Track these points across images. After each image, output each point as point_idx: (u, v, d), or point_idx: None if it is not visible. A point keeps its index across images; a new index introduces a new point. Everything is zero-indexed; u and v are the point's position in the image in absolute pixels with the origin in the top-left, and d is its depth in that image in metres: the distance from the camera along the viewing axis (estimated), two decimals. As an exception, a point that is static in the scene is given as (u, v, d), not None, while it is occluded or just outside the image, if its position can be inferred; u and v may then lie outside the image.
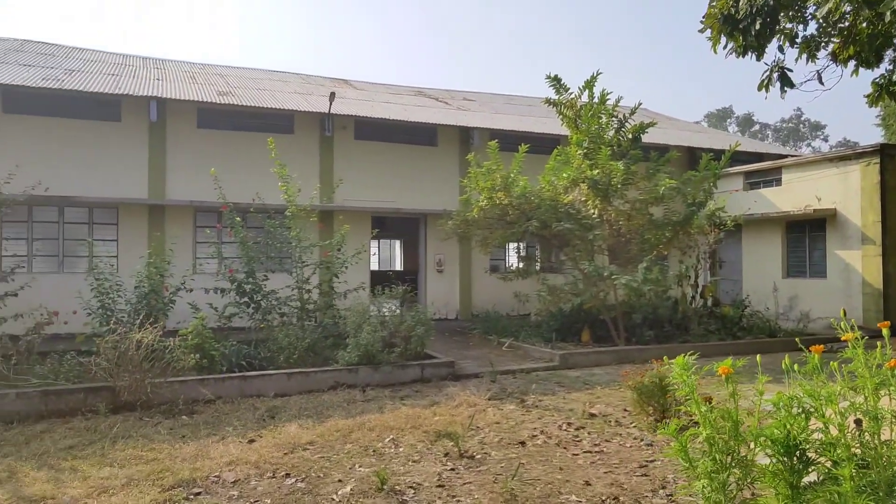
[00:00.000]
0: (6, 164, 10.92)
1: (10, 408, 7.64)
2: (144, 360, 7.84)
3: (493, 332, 14.49)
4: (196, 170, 14.64)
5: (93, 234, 13.96)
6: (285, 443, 6.46)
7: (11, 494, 5.18)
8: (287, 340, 10.14)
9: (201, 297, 11.19)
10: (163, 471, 5.66)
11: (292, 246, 11.72)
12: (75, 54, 18.24)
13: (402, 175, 17.12)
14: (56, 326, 9.92)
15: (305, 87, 19.93)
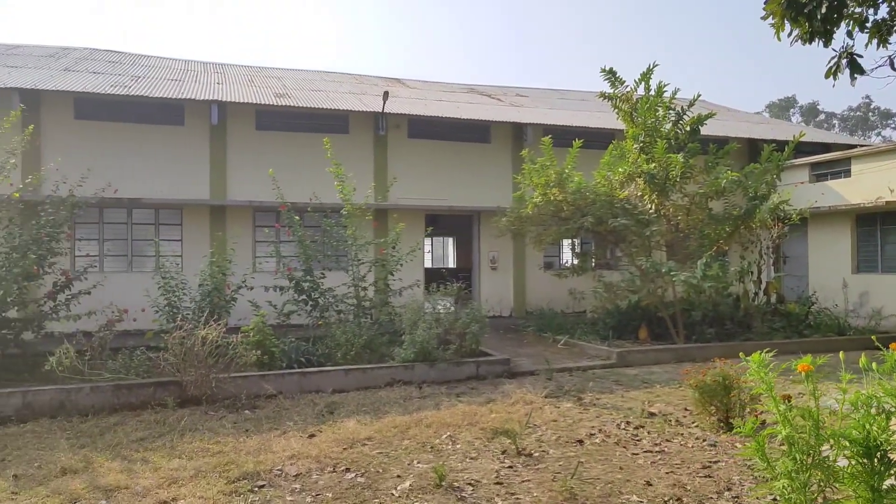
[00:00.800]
0: (79, 168, 11.43)
1: (86, 401, 8.02)
2: (209, 356, 8.10)
3: (547, 330, 14.38)
4: (255, 171, 15.02)
5: (159, 235, 14.51)
6: (344, 438, 6.57)
7: (88, 484, 5.43)
8: (344, 337, 10.31)
9: (261, 294, 11.48)
10: (228, 463, 5.84)
11: (348, 244, 11.91)
12: (141, 61, 18.96)
13: (455, 173, 17.14)
14: (126, 323, 10.35)
15: (359, 87, 20.18)
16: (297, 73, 21.45)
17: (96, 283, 10.55)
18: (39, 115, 13.60)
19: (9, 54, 17.19)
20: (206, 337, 8.09)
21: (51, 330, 10.35)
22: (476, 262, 17.78)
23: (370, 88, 19.96)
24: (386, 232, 14.92)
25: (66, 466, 5.84)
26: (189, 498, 5.02)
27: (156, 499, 5.05)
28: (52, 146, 13.63)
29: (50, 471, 5.77)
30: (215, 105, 14.47)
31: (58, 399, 7.93)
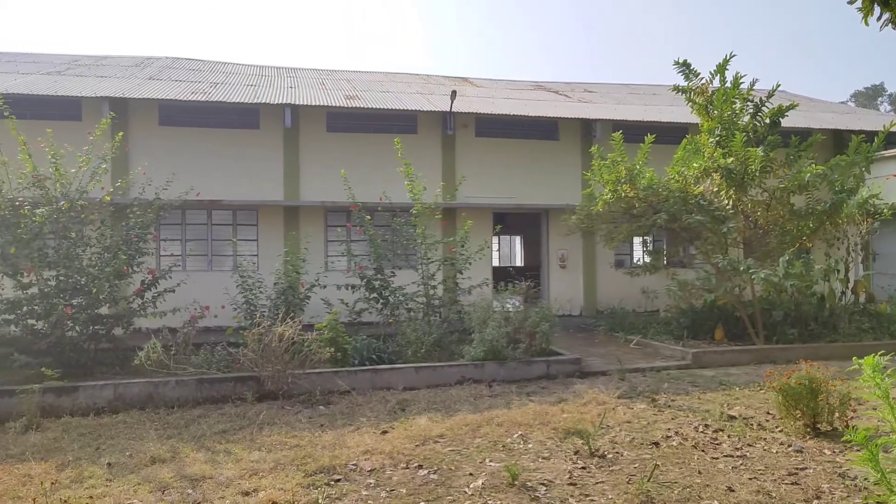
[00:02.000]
0: (163, 171, 12.00)
1: (171, 394, 8.42)
2: (285, 352, 8.36)
3: (619, 329, 14.11)
4: (326, 171, 15.37)
5: (236, 235, 15.06)
6: (416, 435, 6.64)
7: (176, 473, 5.70)
8: (414, 335, 10.43)
9: (333, 293, 11.75)
10: (305, 457, 6.01)
11: (418, 243, 12.03)
12: (218, 68, 19.72)
13: (523, 170, 17.04)
14: (207, 320, 10.79)
15: (427, 87, 20.33)
16: (366, 75, 21.81)
17: (180, 282, 11.02)
18: (127, 122, 14.35)
19: (98, 65, 18.21)
20: (283, 334, 8.34)
21: (138, 326, 10.92)
22: (545, 260, 17.62)
23: (437, 88, 20.08)
24: (454, 230, 14.98)
25: (155, 456, 6.14)
26: (269, 489, 5.19)
27: (238, 489, 5.25)
28: (138, 151, 14.36)
29: (140, 460, 6.09)
30: (288, 108, 14.89)
31: (146, 391, 8.36)
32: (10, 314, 9.45)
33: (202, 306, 10.52)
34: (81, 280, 9.64)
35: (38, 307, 9.42)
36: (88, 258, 9.98)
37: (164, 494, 5.19)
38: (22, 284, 9.49)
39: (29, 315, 9.50)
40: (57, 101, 14.22)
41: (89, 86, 15.04)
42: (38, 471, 5.82)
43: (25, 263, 9.50)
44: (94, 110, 14.06)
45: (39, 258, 9.50)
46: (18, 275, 9.49)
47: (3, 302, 9.41)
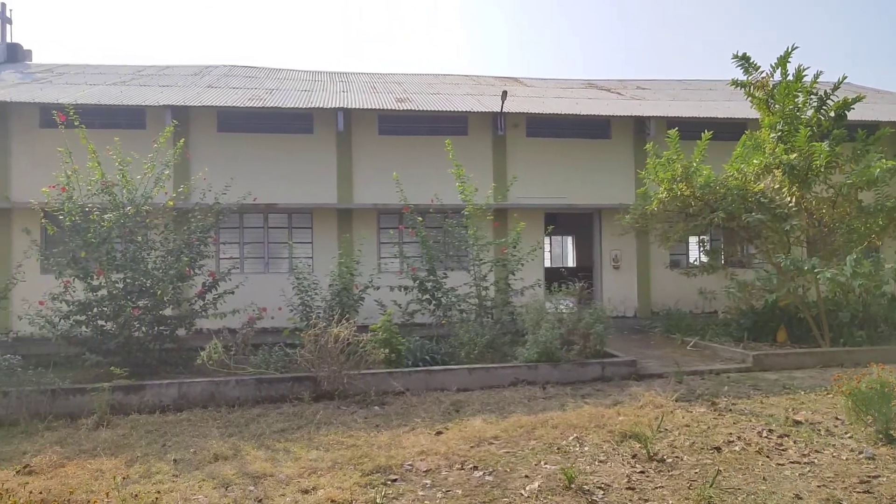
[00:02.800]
0: (221, 176, 12.37)
1: (232, 393, 8.66)
2: (341, 353, 8.49)
3: (675, 331, 13.81)
4: (378, 174, 15.54)
5: (292, 237, 15.38)
6: (471, 436, 6.65)
7: (238, 470, 5.86)
8: (467, 336, 10.45)
9: (386, 294, 11.88)
10: (362, 456, 6.09)
11: (469, 244, 12.04)
12: (273, 74, 20.18)
13: (575, 170, 16.85)
14: (264, 321, 11.05)
15: (477, 88, 20.33)
16: (416, 78, 21.96)
17: (239, 284, 11.33)
18: (188, 129, 14.82)
19: (161, 75, 18.89)
20: (338, 335, 8.48)
21: (200, 327, 11.26)
22: (597, 260, 17.38)
23: (487, 89, 20.05)
24: (506, 231, 14.95)
25: (218, 453, 6.33)
26: (328, 488, 5.29)
27: (298, 487, 5.36)
28: (198, 157, 14.82)
29: (204, 457, 6.28)
30: (341, 112, 15.11)
31: (208, 391, 8.62)
32: (82, 315, 9.89)
33: (260, 308, 10.77)
34: (147, 282, 10.01)
35: (108, 308, 9.83)
36: (153, 261, 10.36)
37: (227, 491, 5.34)
38: (92, 287, 9.92)
39: (99, 316, 9.93)
40: (123, 111, 14.81)
41: (153, 95, 15.61)
42: (109, 466, 6.07)
43: (95, 266, 9.93)
44: (158, 118, 14.59)
45: (108, 261, 9.92)
46: (89, 277, 9.92)
47: (74, 303, 9.86)
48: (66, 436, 7.19)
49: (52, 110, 11.97)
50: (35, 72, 18.65)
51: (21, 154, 14.70)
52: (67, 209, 9.94)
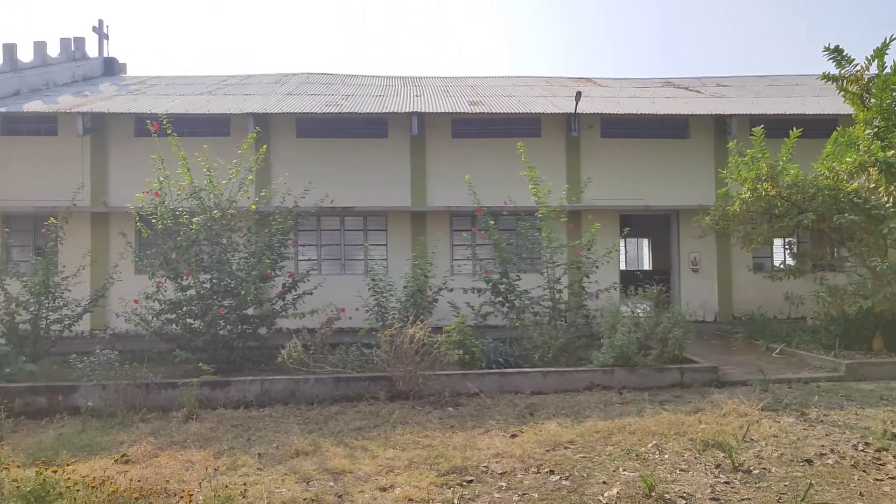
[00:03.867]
0: (300, 180, 12.75)
1: (311, 391, 8.92)
2: (416, 353, 8.60)
3: (759, 337, 13.24)
4: (451, 177, 15.64)
5: (367, 240, 15.70)
6: (546, 440, 6.60)
7: (318, 466, 6.03)
8: (541, 339, 10.37)
9: (459, 296, 11.94)
10: (437, 457, 6.15)
11: (543, 247, 11.95)
12: (349, 80, 20.67)
13: (651, 171, 16.45)
14: (341, 321, 11.30)
15: (549, 89, 20.16)
16: (489, 81, 21.99)
17: (317, 285, 11.66)
18: (269, 135, 15.37)
19: (243, 84, 19.68)
20: (413, 336, 8.59)
21: (280, 326, 11.67)
22: (675, 263, 16.90)
23: (561, 90, 19.86)
24: (580, 234, 14.75)
25: (299, 449, 6.54)
26: (405, 486, 5.37)
27: (376, 485, 5.47)
28: (278, 162, 15.34)
29: (286, 452, 6.50)
30: (415, 116, 15.31)
31: (289, 388, 8.91)
32: (172, 313, 10.43)
33: (338, 308, 11.05)
34: (231, 283, 10.44)
35: (196, 307, 10.32)
36: (237, 262, 10.81)
37: (309, 486, 5.51)
38: (182, 287, 10.45)
39: (188, 314, 10.43)
40: (209, 119, 15.53)
41: (237, 103, 16.29)
42: (199, 457, 6.37)
43: (184, 267, 10.44)
44: (241, 126, 15.20)
45: (196, 262, 10.42)
46: (179, 278, 10.45)
47: (166, 302, 10.40)
48: (158, 427, 7.60)
49: (145, 120, 12.68)
50: (129, 84, 19.79)
51: (118, 162, 15.63)
52: (160, 213, 10.50)
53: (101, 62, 22.13)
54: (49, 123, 15.73)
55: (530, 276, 12.70)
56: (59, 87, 18.71)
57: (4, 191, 14.47)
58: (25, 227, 15.16)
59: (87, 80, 20.40)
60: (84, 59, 21.06)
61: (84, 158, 15.45)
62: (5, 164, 15.33)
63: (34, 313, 10.72)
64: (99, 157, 15.60)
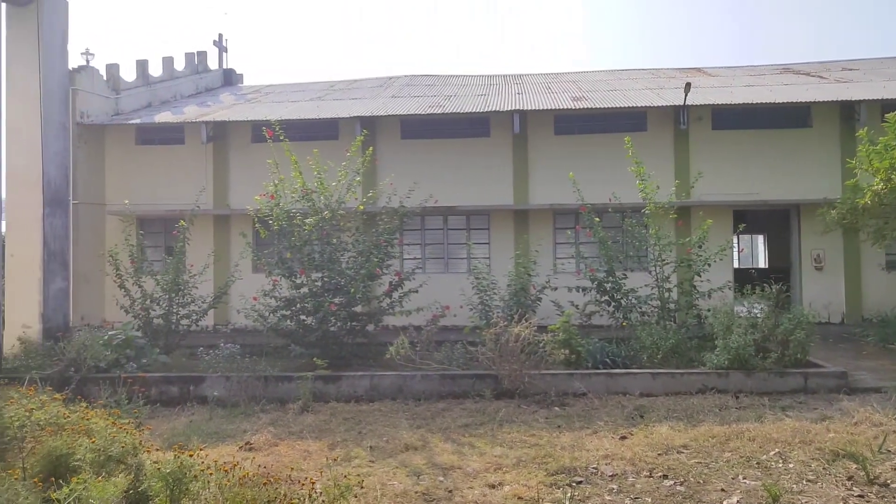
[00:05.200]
0: (405, 181, 13.04)
1: (418, 387, 9.11)
2: (521, 352, 8.59)
3: (893, 341, 12.20)
4: (554, 174, 15.47)
5: (470, 238, 15.82)
6: (658, 443, 6.42)
7: (427, 461, 6.17)
8: (650, 340, 10.08)
9: (562, 295, 11.79)
10: (545, 456, 6.13)
11: (651, 244, 11.59)
12: (451, 81, 20.90)
13: (768, 163, 15.53)
14: (445, 319, 11.47)
15: (656, 81, 19.48)
16: (591, 75, 21.56)
17: (422, 283, 11.89)
18: (375, 137, 15.83)
19: (350, 88, 20.38)
20: (519, 334, 8.59)
21: (386, 323, 12.00)
22: (795, 261, 15.87)
23: (667, 82, 19.14)
24: (689, 231, 14.17)
25: (408, 443, 6.71)
26: (514, 484, 5.39)
27: (485, 481, 5.53)
28: (383, 163, 15.76)
29: (396, 446, 6.70)
30: (517, 114, 15.26)
31: (396, 384, 9.16)
32: (287, 310, 10.97)
33: (443, 306, 11.21)
34: (341, 281, 10.85)
35: (308, 304, 10.81)
36: (346, 261, 11.21)
37: (419, 480, 5.65)
38: (295, 284, 10.98)
39: (301, 311, 10.94)
40: (318, 123, 16.19)
41: (344, 108, 16.89)
42: (314, 448, 6.69)
43: (298, 266, 10.97)
44: (348, 129, 15.75)
45: (309, 261, 10.91)
46: (293, 276, 10.98)
47: (281, 300, 10.95)
48: (276, 418, 8.03)
49: (261, 127, 13.41)
50: (246, 93, 20.99)
51: (237, 166, 16.63)
52: (276, 215, 11.08)
53: (220, 74, 23.58)
54: (177, 133, 16.96)
55: (637, 275, 12.34)
56: (184, 99, 20.13)
57: (139, 196, 15.75)
58: (157, 229, 16.43)
59: (209, 91, 21.81)
60: (206, 71, 22.52)
61: (207, 164, 16.54)
62: (139, 171, 16.68)
63: (166, 309, 11.61)
64: (220, 162, 16.65)
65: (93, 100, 16.27)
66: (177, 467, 4.49)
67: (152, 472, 4.60)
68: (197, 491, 4.43)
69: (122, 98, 17.44)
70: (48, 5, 11.76)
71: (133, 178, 16.61)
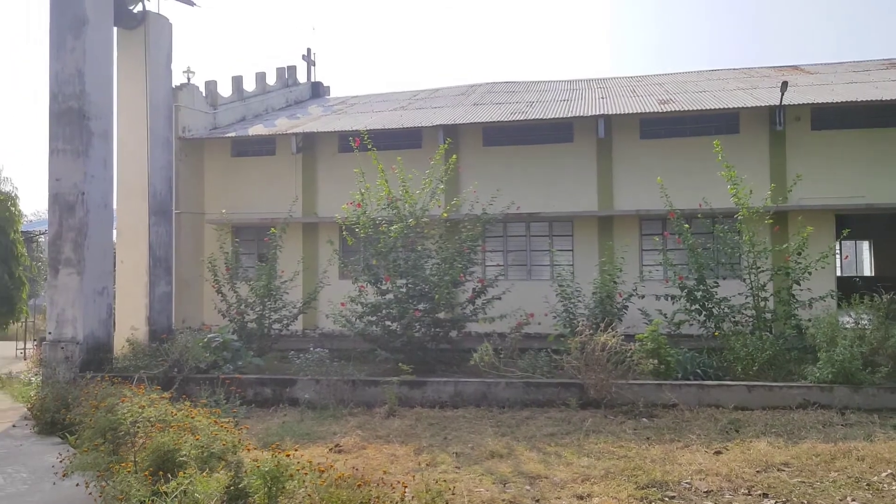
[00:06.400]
0: (487, 188, 13.10)
1: (502, 394, 9.10)
2: (608, 361, 8.43)
3: None
4: (640, 179, 15.11)
5: (553, 245, 15.66)
6: (756, 459, 6.14)
7: (513, 469, 6.15)
8: (744, 351, 9.66)
9: (649, 303, 11.47)
10: (635, 469, 5.98)
11: (744, 251, 11.12)
12: (533, 87, 20.82)
13: (875, 164, 14.56)
14: (529, 326, 11.41)
15: (748, 81, 18.69)
16: (679, 77, 20.92)
17: (505, 290, 11.88)
18: (457, 145, 15.94)
19: (432, 97, 20.66)
20: (606, 342, 8.43)
21: (469, 330, 12.06)
22: (906, 269, 14.79)
23: (761, 81, 18.32)
24: (787, 237, 13.48)
25: (493, 451, 6.71)
26: (602, 496, 5.29)
27: (572, 492, 5.45)
28: (466, 171, 15.86)
29: (480, 453, 6.71)
30: (602, 119, 15.02)
31: (480, 391, 9.18)
32: (372, 316, 11.23)
33: (526, 313, 11.16)
34: (425, 287, 11.00)
35: (394, 310, 11.02)
36: (430, 268, 11.35)
37: (506, 488, 5.64)
38: (381, 291, 11.22)
39: (386, 317, 11.17)
40: (402, 133, 16.50)
41: (427, 117, 17.14)
42: (401, 452, 6.80)
43: (383, 273, 11.21)
44: (431, 137, 15.98)
45: (394, 268, 11.13)
46: (378, 282, 11.23)
47: (367, 305, 11.22)
48: (364, 421, 8.22)
49: (347, 137, 13.80)
50: (333, 104, 21.67)
51: (324, 176, 17.18)
52: (362, 223, 11.38)
53: (308, 86, 24.46)
54: (268, 144, 17.71)
55: (729, 283, 11.84)
56: (275, 112, 21.00)
57: (234, 205, 16.55)
58: (250, 237, 17.19)
59: (298, 104, 22.66)
60: (295, 84, 23.42)
61: (297, 174, 17.18)
62: (235, 181, 17.53)
63: (259, 313, 12.14)
64: (309, 172, 17.25)
65: (193, 115, 17.25)
66: (274, 466, 4.68)
67: (251, 470, 4.81)
68: (293, 490, 4.60)
69: (218, 112, 18.39)
70: (154, 27, 12.60)
71: (229, 188, 17.47)
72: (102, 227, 11.13)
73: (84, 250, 10.60)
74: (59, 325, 10.58)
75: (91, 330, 10.63)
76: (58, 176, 10.85)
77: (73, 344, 10.38)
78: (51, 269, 10.85)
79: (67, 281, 10.60)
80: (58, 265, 10.70)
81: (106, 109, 11.34)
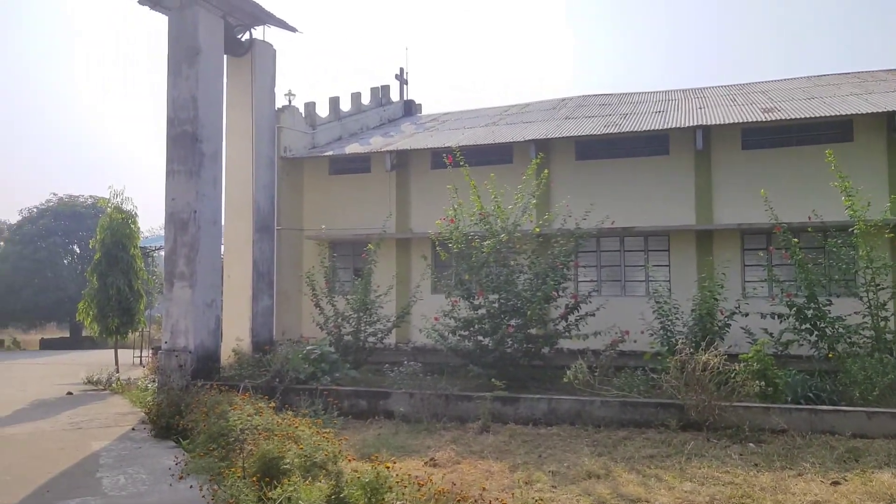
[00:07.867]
0: (579, 202, 12.93)
1: (597, 413, 8.91)
2: (710, 381, 8.08)
3: None
4: (741, 192, 14.45)
5: (648, 261, 15.21)
6: (879, 492, 5.71)
7: (612, 491, 6.00)
8: (863, 374, 9.01)
9: (753, 321, 10.94)
10: (743, 496, 5.70)
11: (861, 267, 10.41)
12: (625, 99, 20.39)
13: None
14: (624, 344, 11.13)
15: (861, 86, 17.52)
16: (784, 84, 19.90)
17: (598, 307, 11.64)
18: (549, 160, 15.83)
19: (523, 112, 20.66)
20: (708, 362, 8.09)
21: (561, 346, 11.89)
22: None
23: (876, 86, 17.13)
24: (909, 252, 12.49)
25: (590, 471, 6.58)
26: (708, 524, 5.06)
27: (675, 518, 5.25)
28: (558, 185, 15.72)
29: (577, 472, 6.59)
30: (700, 130, 14.51)
31: (575, 409, 9.03)
32: (465, 331, 11.29)
33: (622, 331, 10.90)
34: (518, 303, 10.96)
35: (486, 325, 11.04)
36: (522, 283, 11.30)
37: (604, 509, 5.51)
38: (473, 305, 11.28)
39: (479, 332, 11.20)
40: (493, 148, 16.57)
41: (518, 132, 17.15)
42: (496, 468, 6.78)
43: (476, 288, 11.26)
44: (522, 152, 15.96)
45: (486, 283, 11.16)
46: (471, 297, 11.29)
47: (460, 320, 11.30)
48: (457, 436, 8.26)
49: (440, 154, 14.02)
50: (425, 122, 22.09)
51: (417, 192, 17.50)
52: (455, 238, 11.50)
53: (401, 105, 25.05)
54: (364, 162, 18.26)
55: (844, 301, 11.08)
56: (370, 131, 21.64)
57: (331, 221, 17.12)
58: (346, 252, 17.72)
59: (392, 122, 23.25)
60: (388, 103, 24.06)
61: (391, 191, 17.59)
62: (332, 199, 18.17)
63: (355, 326, 12.47)
64: (402, 188, 17.63)
65: (293, 135, 18.05)
66: (374, 478, 4.79)
67: (352, 481, 4.95)
68: (392, 501, 4.70)
69: (317, 132, 19.16)
70: (260, 54, 13.34)
71: (326, 205, 18.11)
72: (212, 243, 11.82)
73: (195, 265, 11.29)
74: (174, 335, 11.30)
75: (201, 340, 11.28)
76: (173, 195, 11.64)
77: (185, 353, 11.06)
78: (167, 282, 11.63)
79: (181, 294, 11.32)
80: (172, 279, 11.45)
81: (216, 132, 12.09)
